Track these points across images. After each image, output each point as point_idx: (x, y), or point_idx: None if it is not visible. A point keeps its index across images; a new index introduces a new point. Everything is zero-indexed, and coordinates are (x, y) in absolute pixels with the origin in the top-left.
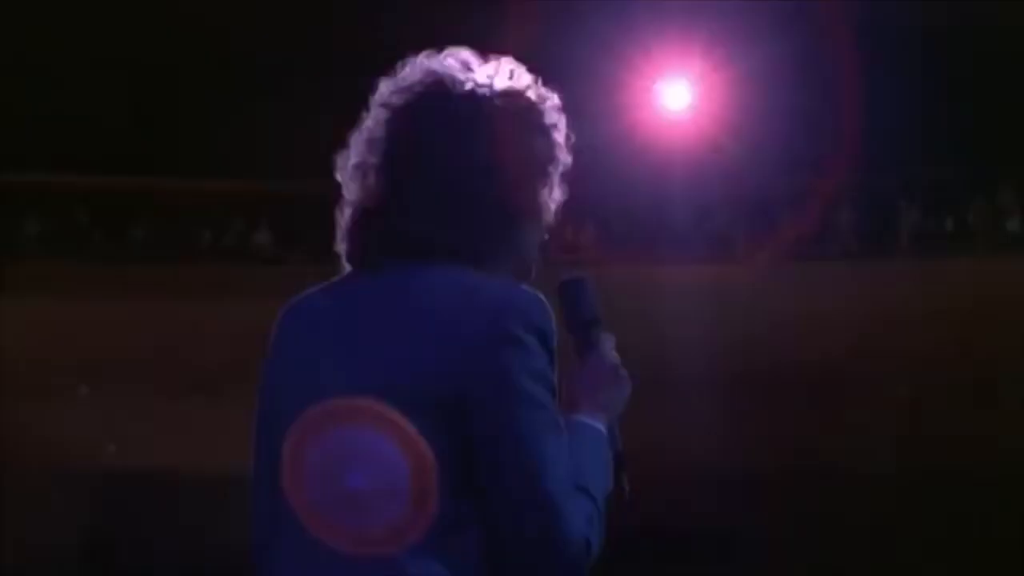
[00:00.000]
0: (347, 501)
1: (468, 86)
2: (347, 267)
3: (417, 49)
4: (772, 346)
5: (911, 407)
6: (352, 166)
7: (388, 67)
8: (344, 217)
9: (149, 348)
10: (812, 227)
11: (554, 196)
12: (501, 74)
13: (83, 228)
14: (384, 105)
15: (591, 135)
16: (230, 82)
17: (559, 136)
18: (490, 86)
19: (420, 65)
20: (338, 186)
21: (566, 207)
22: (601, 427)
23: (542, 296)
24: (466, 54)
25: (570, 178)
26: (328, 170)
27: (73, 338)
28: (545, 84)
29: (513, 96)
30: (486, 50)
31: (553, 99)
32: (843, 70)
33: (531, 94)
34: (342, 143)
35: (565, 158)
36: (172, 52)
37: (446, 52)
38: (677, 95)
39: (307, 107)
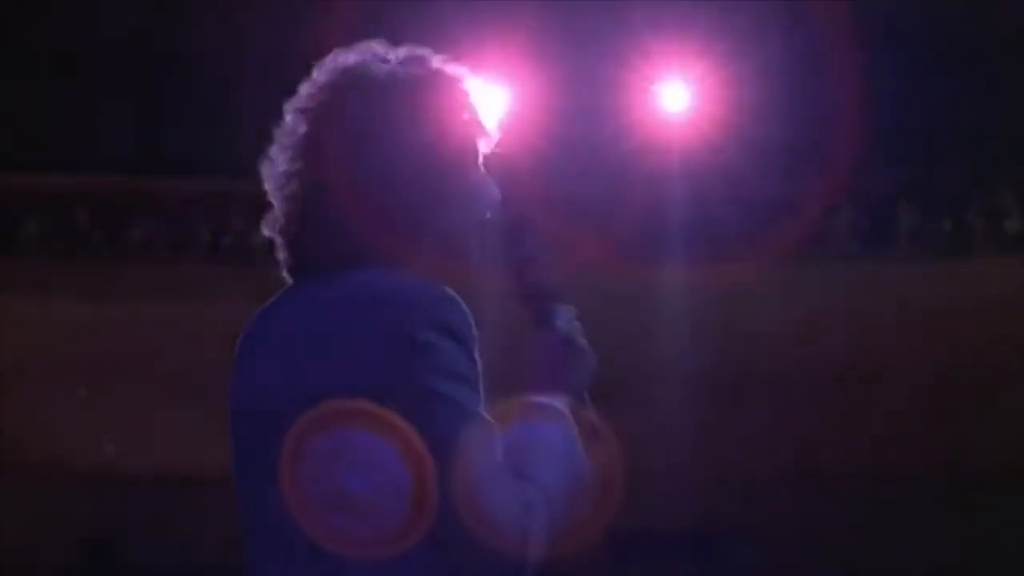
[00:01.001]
0: (345, 503)
1: (379, 75)
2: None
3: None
4: (771, 346)
5: (912, 407)
6: (274, 174)
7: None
8: (272, 228)
9: (148, 348)
10: (811, 228)
11: (483, 177)
12: (412, 58)
13: (81, 228)
14: (298, 109)
15: (589, 136)
16: (235, 79)
17: (477, 116)
18: (402, 71)
19: (330, 64)
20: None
21: (562, 208)
22: (559, 406)
23: (448, 291)
24: (377, 45)
25: (570, 178)
26: None
27: (72, 338)
28: (543, 85)
29: (426, 78)
30: (482, 50)
31: (469, 78)
32: (843, 71)
33: (444, 75)
34: (265, 151)
35: (487, 137)
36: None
37: (357, 46)
38: (676, 96)
39: None
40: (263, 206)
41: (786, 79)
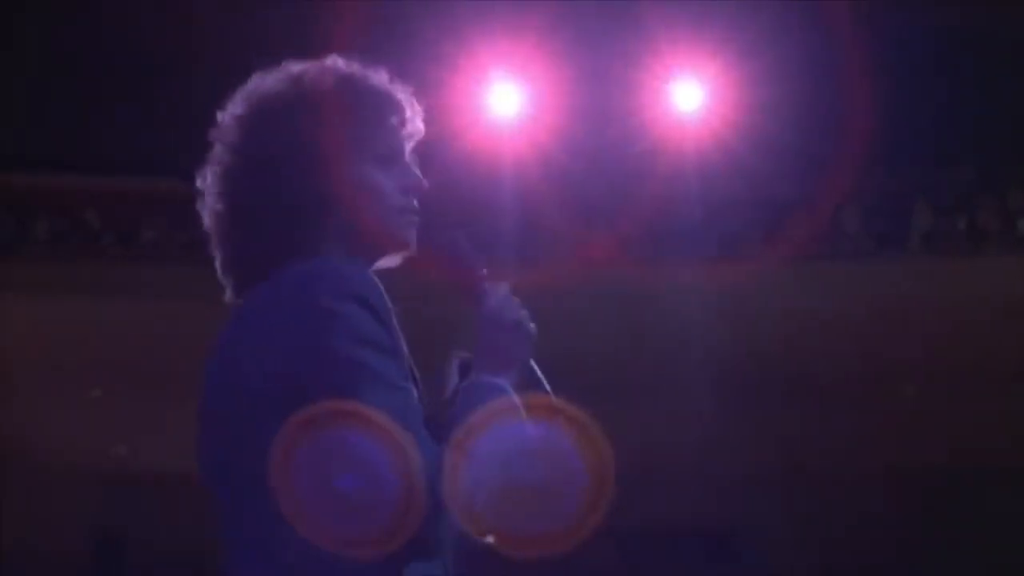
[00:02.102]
0: (336, 503)
1: (282, 95)
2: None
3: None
4: (783, 346)
5: (925, 407)
6: (204, 199)
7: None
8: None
9: (160, 349)
10: (823, 227)
11: (402, 169)
12: (321, 73)
13: (93, 229)
14: (217, 132)
15: (601, 135)
16: (245, 80)
17: (390, 119)
18: (306, 87)
19: (245, 91)
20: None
21: (574, 207)
22: (500, 382)
23: (358, 267)
24: (293, 64)
25: (579, 179)
26: None
27: (85, 339)
28: (555, 84)
29: (331, 90)
30: (494, 49)
31: (383, 82)
32: (855, 70)
33: (351, 83)
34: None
35: (408, 131)
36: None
37: (274, 69)
38: (688, 95)
39: None
40: None
41: (799, 79)
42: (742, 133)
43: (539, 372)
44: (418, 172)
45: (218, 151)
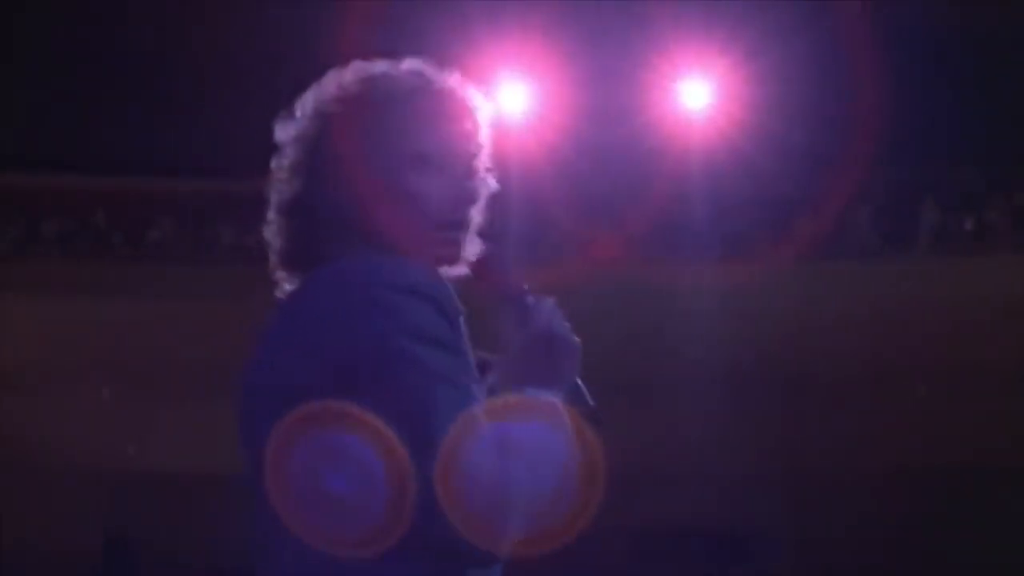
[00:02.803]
0: (327, 503)
1: (383, 86)
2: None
3: (438, 53)
4: (791, 345)
5: (933, 405)
6: (281, 173)
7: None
8: (273, 225)
9: (168, 348)
10: (832, 226)
11: (476, 180)
12: (414, 71)
13: (101, 229)
14: (309, 110)
15: (610, 133)
16: (248, 80)
17: (473, 124)
18: (405, 83)
19: (340, 73)
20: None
21: (582, 206)
22: (550, 400)
23: (427, 266)
24: (381, 61)
25: (588, 177)
26: None
27: (92, 338)
28: (564, 83)
29: (425, 89)
30: (503, 49)
31: (468, 89)
32: (863, 69)
33: (443, 86)
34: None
35: (482, 144)
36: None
37: (356, 62)
38: (696, 94)
39: None
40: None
41: (807, 78)
42: (749, 133)
43: (583, 386)
44: (477, 184)
45: (286, 142)
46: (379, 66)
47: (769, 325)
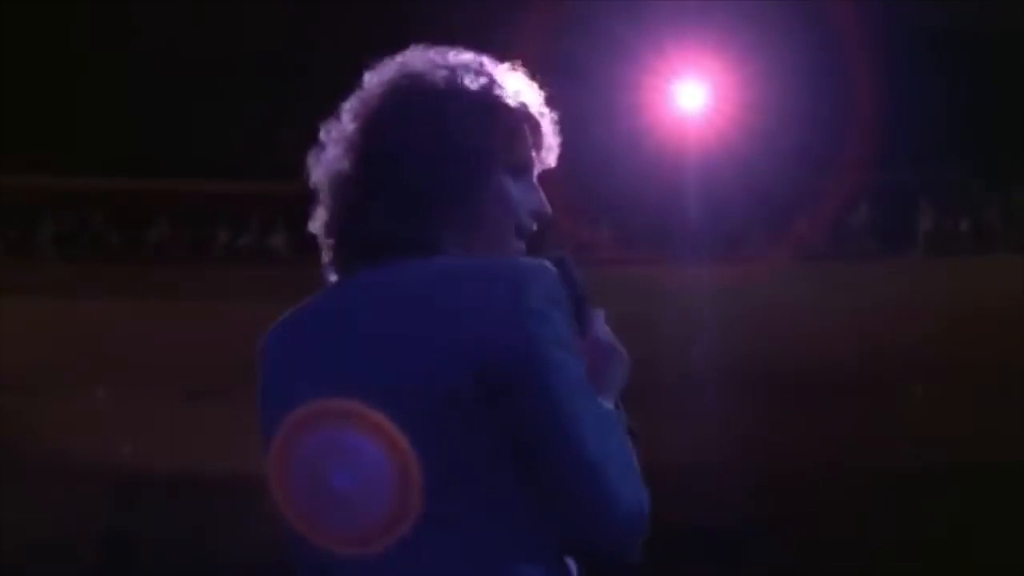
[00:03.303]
0: (333, 501)
1: (437, 81)
2: (331, 276)
3: (429, 44)
4: (788, 346)
5: (932, 404)
6: (327, 169)
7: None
8: (320, 223)
9: (167, 348)
10: (828, 226)
11: (530, 185)
12: (471, 68)
13: (99, 229)
14: (358, 105)
15: (606, 134)
16: (246, 81)
17: (533, 126)
18: (459, 80)
19: (391, 65)
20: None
21: (580, 207)
22: (610, 406)
23: (544, 262)
24: (435, 51)
25: (585, 178)
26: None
27: (92, 339)
28: (560, 85)
29: (486, 88)
30: (500, 49)
31: (524, 94)
32: (860, 69)
33: (502, 85)
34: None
35: (531, 153)
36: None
37: (415, 49)
38: (692, 95)
39: (324, 107)
40: (282, 208)
41: (804, 78)
42: (746, 133)
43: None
44: (543, 196)
45: (363, 118)
46: (442, 66)
47: (766, 325)
